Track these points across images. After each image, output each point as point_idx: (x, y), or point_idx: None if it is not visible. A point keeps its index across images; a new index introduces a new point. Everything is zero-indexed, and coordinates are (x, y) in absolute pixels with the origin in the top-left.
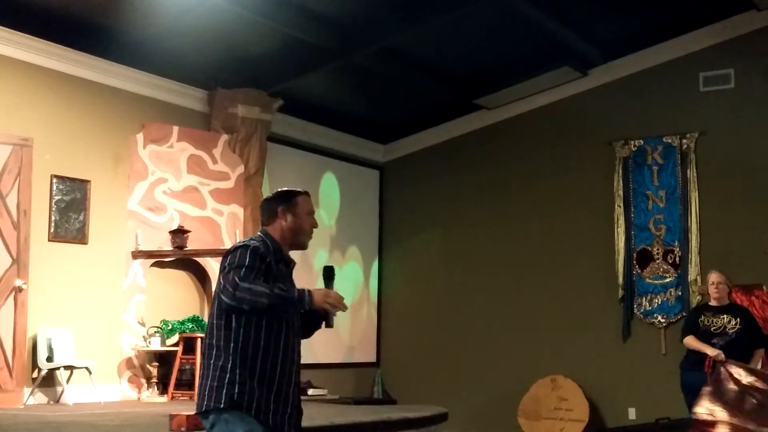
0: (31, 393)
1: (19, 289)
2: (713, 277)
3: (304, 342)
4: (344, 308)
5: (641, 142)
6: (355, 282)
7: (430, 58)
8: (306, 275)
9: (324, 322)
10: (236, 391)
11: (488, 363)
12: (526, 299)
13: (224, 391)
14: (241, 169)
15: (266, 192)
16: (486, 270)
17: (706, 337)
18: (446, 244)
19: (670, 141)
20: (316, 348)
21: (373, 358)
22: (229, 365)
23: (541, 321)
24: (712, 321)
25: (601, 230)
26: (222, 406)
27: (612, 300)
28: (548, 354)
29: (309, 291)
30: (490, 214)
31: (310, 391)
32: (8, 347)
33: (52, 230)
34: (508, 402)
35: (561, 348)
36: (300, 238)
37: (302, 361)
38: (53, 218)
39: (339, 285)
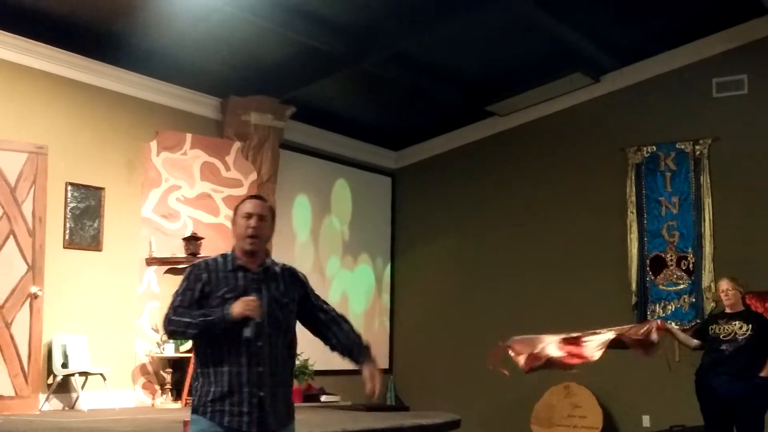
0: (47, 399)
1: (35, 296)
2: (723, 284)
3: (319, 347)
4: (257, 314)
5: (654, 148)
6: (367, 288)
7: (442, 65)
8: (319, 282)
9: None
10: (195, 396)
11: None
12: (539, 306)
13: (193, 397)
14: (253, 176)
15: (279, 199)
16: (498, 276)
17: (715, 344)
18: (458, 251)
19: (683, 147)
20: (329, 354)
21: (385, 365)
22: (196, 372)
23: (554, 327)
24: (723, 328)
25: (613, 237)
26: (191, 410)
27: (625, 307)
28: None
29: (230, 306)
30: (502, 221)
31: (323, 398)
32: (24, 353)
33: (67, 237)
34: (522, 409)
35: None
36: (240, 243)
37: (317, 368)
38: (68, 225)
39: (352, 292)
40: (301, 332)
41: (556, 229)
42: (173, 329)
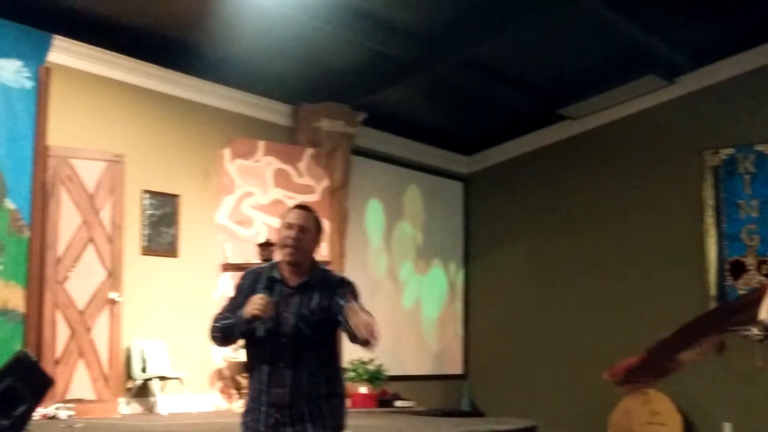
0: (127, 403)
1: (114, 302)
2: None
3: (393, 353)
4: (267, 312)
5: (732, 150)
6: (441, 294)
7: (513, 69)
8: (392, 288)
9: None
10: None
11: (577, 375)
12: (615, 310)
13: None
14: (326, 182)
15: (351, 205)
16: (573, 281)
17: None
18: (532, 255)
19: (762, 149)
20: (404, 360)
21: (460, 370)
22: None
23: (631, 333)
24: None
25: (690, 240)
26: None
27: (704, 311)
28: None
29: (244, 308)
30: (576, 226)
31: (398, 403)
32: (104, 358)
33: (144, 244)
34: (599, 415)
35: None
36: (282, 253)
37: (391, 373)
38: (145, 232)
39: (425, 297)
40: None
41: (630, 233)
42: (211, 335)
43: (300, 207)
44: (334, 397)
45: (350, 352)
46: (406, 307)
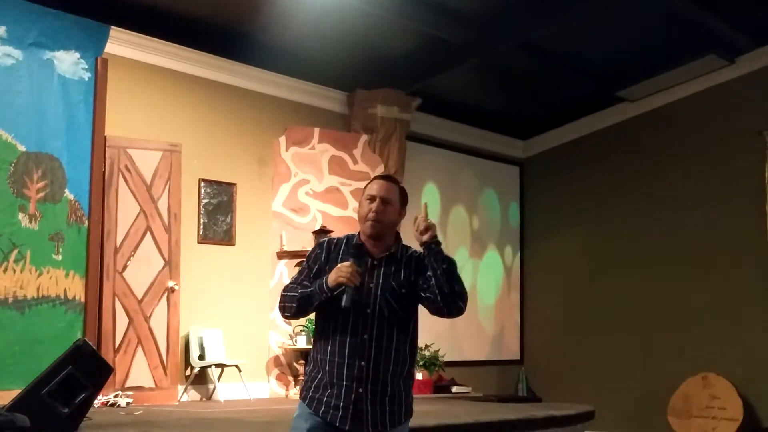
0: (185, 390)
1: (172, 290)
2: None
3: (449, 338)
4: (355, 281)
5: None
6: (497, 279)
7: (569, 51)
8: None
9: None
10: (303, 384)
11: (636, 360)
12: (673, 295)
13: (304, 380)
14: (381, 168)
15: (407, 190)
16: (631, 265)
17: None
18: (589, 239)
19: None
20: (460, 346)
21: (516, 355)
22: (308, 359)
23: (690, 317)
24: None
25: (752, 222)
26: (299, 394)
27: (766, 295)
28: (698, 351)
29: (327, 275)
30: (634, 210)
31: (454, 389)
32: (162, 346)
33: (201, 232)
34: (658, 400)
35: (712, 344)
36: (362, 226)
37: (447, 359)
38: (202, 221)
39: (481, 282)
40: (431, 322)
41: (689, 216)
42: (282, 305)
43: (382, 177)
44: (410, 378)
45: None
46: None
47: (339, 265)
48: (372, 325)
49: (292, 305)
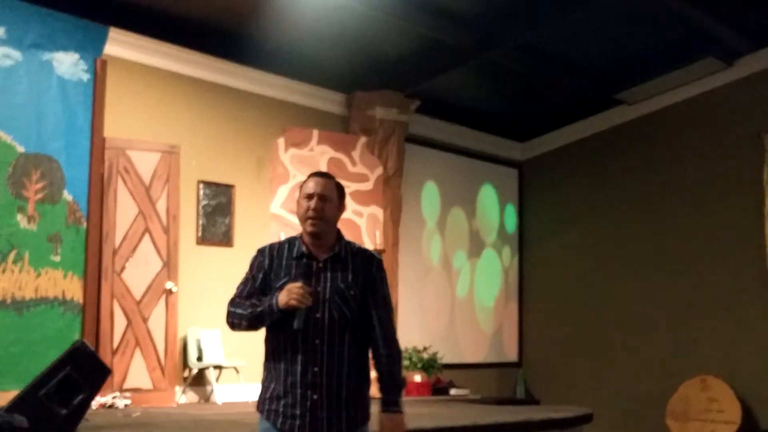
0: (183, 392)
1: (170, 291)
2: None
3: (448, 340)
4: (307, 302)
5: None
6: (495, 281)
7: (568, 54)
8: (446, 275)
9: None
10: (259, 396)
11: (634, 363)
12: (671, 297)
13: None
14: (379, 170)
15: (406, 192)
16: (629, 267)
17: None
18: (588, 242)
19: None
20: (459, 347)
21: (515, 358)
22: (263, 372)
23: (689, 319)
24: None
25: (750, 225)
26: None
27: (764, 298)
28: (697, 353)
29: (277, 295)
30: (633, 211)
31: (452, 391)
32: (160, 347)
33: (199, 234)
34: (656, 403)
35: (710, 347)
36: (303, 226)
37: (445, 361)
38: (200, 222)
39: (480, 284)
40: (430, 324)
41: (688, 218)
42: (229, 321)
43: (318, 174)
44: (366, 381)
45: (405, 341)
46: (460, 294)
47: (289, 286)
48: (323, 330)
49: (241, 322)
